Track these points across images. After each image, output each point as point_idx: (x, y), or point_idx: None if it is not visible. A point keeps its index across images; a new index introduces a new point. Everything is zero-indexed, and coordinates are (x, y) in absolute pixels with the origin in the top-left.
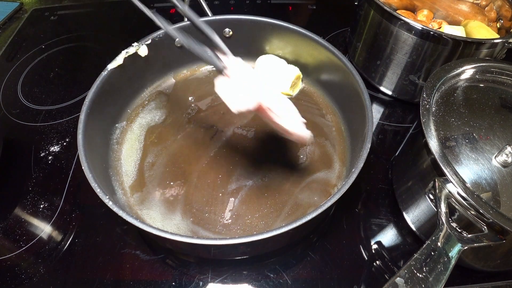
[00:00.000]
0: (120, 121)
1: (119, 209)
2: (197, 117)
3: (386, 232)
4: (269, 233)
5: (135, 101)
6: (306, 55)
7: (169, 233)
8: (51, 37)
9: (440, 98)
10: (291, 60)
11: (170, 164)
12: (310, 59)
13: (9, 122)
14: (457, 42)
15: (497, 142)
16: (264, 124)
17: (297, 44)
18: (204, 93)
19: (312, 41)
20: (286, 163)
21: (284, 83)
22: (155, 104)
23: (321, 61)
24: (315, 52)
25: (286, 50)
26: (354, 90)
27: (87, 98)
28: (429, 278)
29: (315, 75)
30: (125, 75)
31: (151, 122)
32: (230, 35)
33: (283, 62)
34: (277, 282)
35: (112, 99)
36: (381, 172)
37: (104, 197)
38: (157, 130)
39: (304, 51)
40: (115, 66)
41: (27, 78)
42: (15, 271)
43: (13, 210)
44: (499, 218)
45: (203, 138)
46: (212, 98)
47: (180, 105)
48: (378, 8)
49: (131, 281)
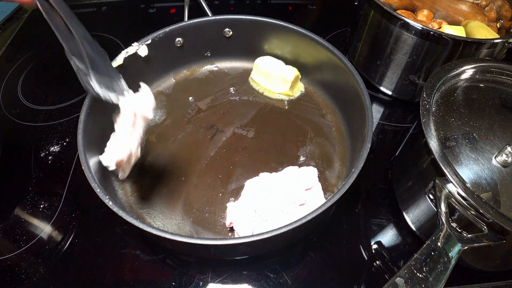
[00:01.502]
0: None
1: (119, 209)
2: (197, 117)
3: (386, 232)
4: (269, 233)
5: None
6: (305, 55)
7: (169, 233)
8: (51, 37)
9: (440, 98)
10: (291, 59)
11: (170, 164)
12: (310, 59)
13: (9, 122)
14: (457, 42)
15: (497, 142)
16: (264, 124)
17: (297, 44)
18: (204, 93)
19: (312, 41)
20: (286, 163)
21: (283, 84)
22: (155, 104)
23: (321, 61)
24: (315, 52)
25: (286, 49)
26: (354, 90)
27: (87, 98)
28: (429, 278)
29: (315, 75)
30: (125, 75)
31: (151, 122)
32: (230, 35)
33: (281, 63)
34: (277, 282)
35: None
36: (381, 172)
37: (104, 197)
38: (157, 130)
39: (304, 51)
40: (115, 66)
41: (27, 78)
42: (15, 271)
43: (13, 210)
44: (499, 218)
45: (203, 138)
46: (212, 98)
47: (180, 105)
48: (378, 8)
49: (131, 281)
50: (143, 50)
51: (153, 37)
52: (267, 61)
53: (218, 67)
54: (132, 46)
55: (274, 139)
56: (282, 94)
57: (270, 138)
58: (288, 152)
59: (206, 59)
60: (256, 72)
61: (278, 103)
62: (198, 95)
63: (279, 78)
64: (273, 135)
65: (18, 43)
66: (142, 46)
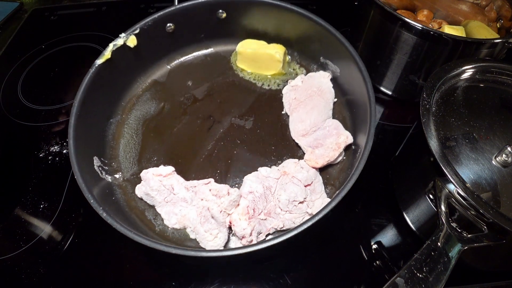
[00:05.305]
0: (115, 115)
1: (113, 220)
2: (193, 107)
3: (386, 232)
4: (267, 242)
5: (129, 92)
6: (311, 33)
7: (174, 247)
8: (51, 37)
9: (440, 98)
10: (292, 39)
11: (168, 159)
12: (314, 37)
13: (9, 122)
14: (457, 42)
15: (497, 142)
16: (262, 113)
17: (300, 21)
18: (200, 79)
19: (313, 21)
20: (286, 155)
21: (275, 64)
22: (149, 94)
23: (321, 37)
24: (319, 31)
25: (286, 28)
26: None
27: (75, 100)
28: (429, 278)
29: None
30: (115, 68)
31: (146, 115)
32: (224, 17)
33: (264, 44)
34: (277, 282)
35: (104, 94)
36: (381, 172)
37: (98, 208)
38: (153, 123)
39: (308, 29)
40: (103, 60)
41: (27, 78)
42: (15, 271)
43: (13, 210)
44: (499, 218)
45: (200, 130)
46: (208, 85)
47: (176, 94)
48: (378, 8)
49: (131, 281)
50: (131, 40)
51: (142, 25)
52: (250, 44)
53: (215, 50)
54: (120, 37)
55: (273, 129)
56: (275, 75)
57: (269, 128)
58: (288, 143)
59: (201, 43)
60: (241, 59)
61: (277, 89)
62: (194, 82)
63: (269, 58)
64: (272, 125)
65: (18, 43)
66: (130, 36)
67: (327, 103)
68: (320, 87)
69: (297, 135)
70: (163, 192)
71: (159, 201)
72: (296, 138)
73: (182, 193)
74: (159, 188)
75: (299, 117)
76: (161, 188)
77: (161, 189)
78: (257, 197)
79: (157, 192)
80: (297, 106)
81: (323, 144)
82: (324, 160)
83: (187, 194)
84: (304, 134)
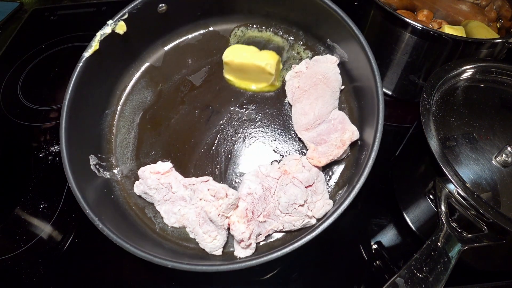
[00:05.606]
0: (110, 106)
1: (110, 232)
2: (191, 95)
3: (386, 232)
4: (272, 254)
5: (123, 80)
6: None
7: (170, 261)
8: (51, 37)
9: (440, 98)
10: (294, 18)
11: (165, 154)
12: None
13: (9, 122)
14: (457, 42)
15: (497, 142)
16: (263, 103)
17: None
18: (197, 63)
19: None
20: (288, 150)
21: (266, 77)
22: (145, 82)
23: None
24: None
25: (287, 3)
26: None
27: (64, 100)
28: (429, 278)
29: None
30: (106, 59)
31: (142, 104)
32: None
33: (254, 50)
34: (277, 282)
35: (97, 87)
36: (381, 172)
37: (94, 219)
38: (149, 114)
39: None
40: (91, 52)
41: (27, 78)
42: (15, 271)
43: (13, 210)
44: (499, 218)
45: (198, 122)
46: (206, 70)
47: (172, 80)
48: (378, 8)
49: (131, 281)
50: (120, 26)
51: (130, 9)
52: (238, 51)
53: (213, 29)
54: (107, 25)
55: (275, 120)
56: (266, 88)
57: (271, 118)
58: (290, 136)
59: (197, 22)
60: (228, 69)
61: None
62: (191, 66)
63: (260, 71)
64: (273, 116)
65: (18, 43)
66: (119, 22)
67: (333, 92)
68: (326, 74)
69: (300, 129)
70: (162, 190)
71: (157, 200)
72: (298, 132)
73: (180, 192)
74: (157, 186)
75: (303, 109)
76: (159, 187)
77: (159, 187)
78: (256, 198)
79: (155, 190)
80: (301, 96)
81: (327, 141)
82: (327, 159)
83: (185, 192)
84: (307, 128)
